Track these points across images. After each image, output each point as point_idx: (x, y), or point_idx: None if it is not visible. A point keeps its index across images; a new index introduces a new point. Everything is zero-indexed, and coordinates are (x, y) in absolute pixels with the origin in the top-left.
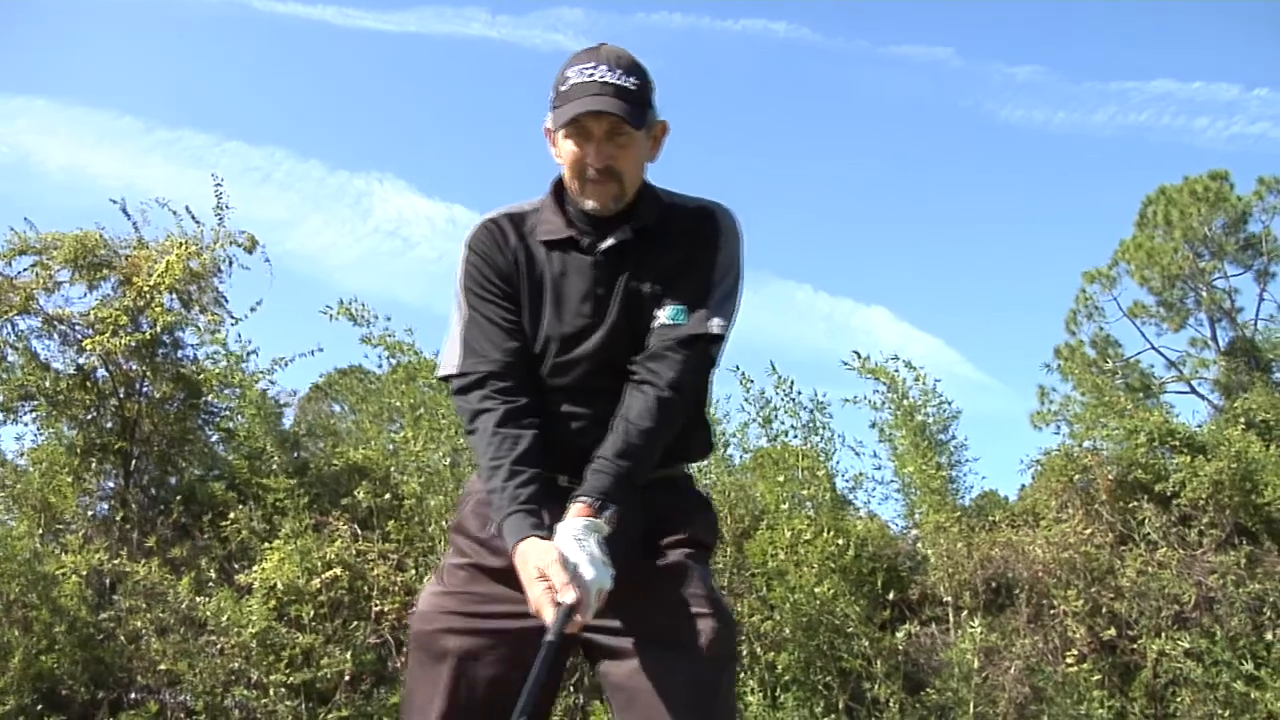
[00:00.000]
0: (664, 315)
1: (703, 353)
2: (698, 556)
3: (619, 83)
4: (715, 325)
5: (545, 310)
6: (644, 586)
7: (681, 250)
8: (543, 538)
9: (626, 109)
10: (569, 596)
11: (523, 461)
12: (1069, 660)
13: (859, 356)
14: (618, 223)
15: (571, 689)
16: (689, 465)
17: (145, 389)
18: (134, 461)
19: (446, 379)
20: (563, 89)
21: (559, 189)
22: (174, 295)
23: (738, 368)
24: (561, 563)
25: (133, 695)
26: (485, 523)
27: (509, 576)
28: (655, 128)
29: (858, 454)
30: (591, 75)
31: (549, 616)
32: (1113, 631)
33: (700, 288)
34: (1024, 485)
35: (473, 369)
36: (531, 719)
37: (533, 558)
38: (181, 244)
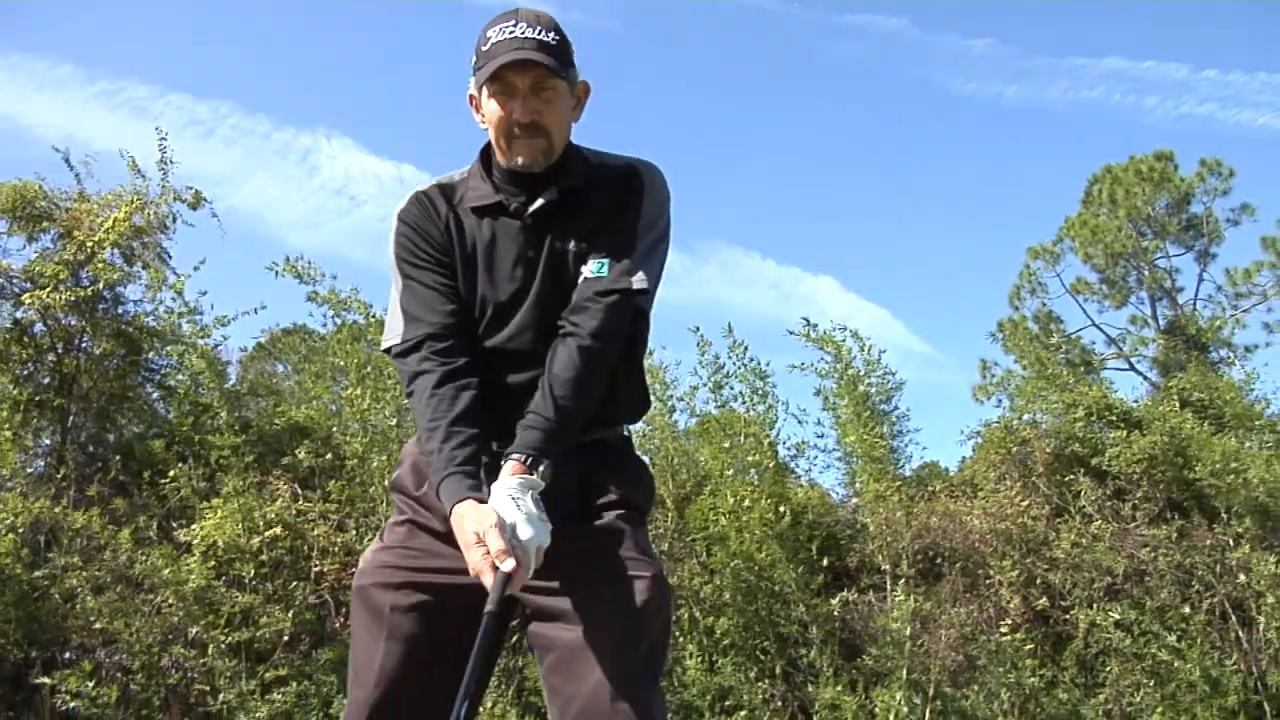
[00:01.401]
0: (588, 269)
1: (625, 304)
2: (631, 518)
3: (540, 38)
4: (638, 280)
5: (479, 277)
6: (577, 548)
7: (608, 208)
8: (479, 499)
9: (550, 60)
10: (508, 565)
11: (460, 422)
12: (1003, 629)
13: (808, 324)
14: (545, 184)
15: (509, 651)
16: (625, 427)
17: (84, 345)
18: (71, 418)
19: (389, 350)
20: (484, 49)
21: (486, 156)
22: (116, 251)
23: (698, 328)
24: (499, 526)
25: (67, 654)
26: (422, 481)
27: (448, 534)
28: (578, 88)
29: (801, 422)
30: (512, 32)
31: (489, 582)
32: (1045, 601)
33: (624, 242)
34: (965, 457)
35: (412, 334)
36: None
37: (469, 521)
38: (130, 200)
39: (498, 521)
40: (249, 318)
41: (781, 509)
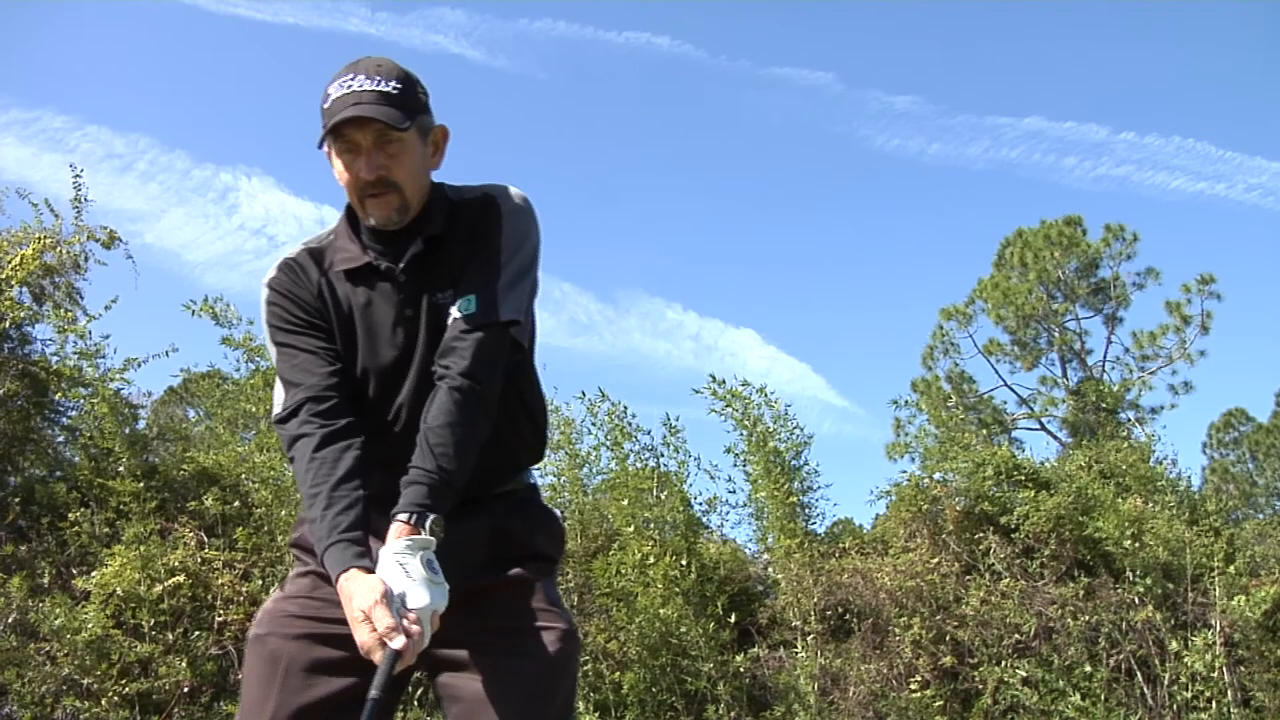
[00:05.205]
0: (456, 309)
1: (495, 338)
2: (541, 569)
3: (378, 89)
4: (505, 311)
5: (358, 343)
6: (485, 600)
7: (470, 243)
8: (365, 569)
9: (387, 112)
10: (397, 642)
11: (342, 485)
12: (912, 686)
13: (713, 380)
14: (410, 236)
15: (415, 704)
16: (530, 475)
17: None
18: None
19: (274, 420)
20: (325, 106)
21: (351, 213)
22: (25, 289)
23: (583, 394)
24: (385, 600)
25: None
26: None
27: None
28: (434, 133)
29: (713, 477)
30: (350, 86)
31: (378, 659)
32: (951, 659)
33: (487, 275)
34: (878, 514)
35: (292, 399)
36: None
37: (356, 597)
38: (39, 237)
39: (384, 593)
40: (161, 360)
41: (685, 563)
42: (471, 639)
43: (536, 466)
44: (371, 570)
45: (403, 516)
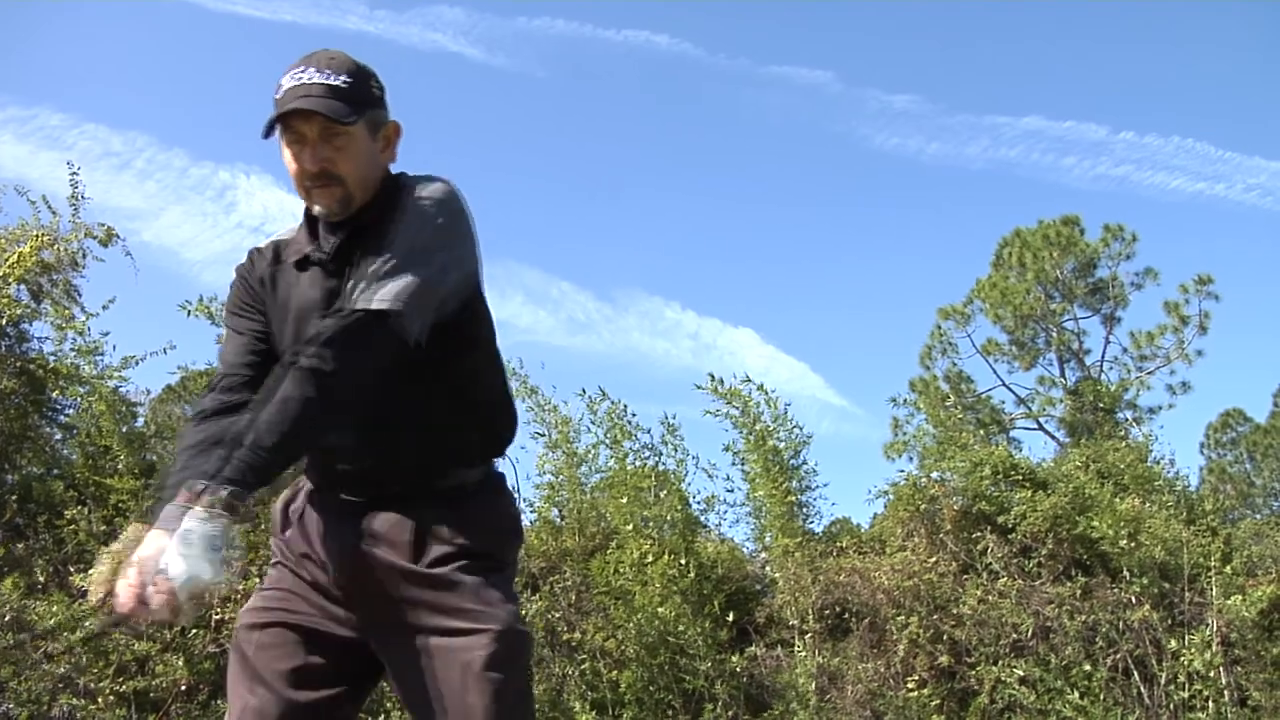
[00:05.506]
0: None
1: (358, 326)
2: (473, 568)
3: (328, 82)
4: (379, 300)
5: (287, 329)
6: (405, 599)
7: (381, 231)
8: (160, 528)
9: (332, 106)
10: (120, 601)
11: (200, 450)
12: (910, 685)
13: (713, 379)
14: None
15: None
16: (484, 469)
17: None
18: None
19: None
20: (276, 97)
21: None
22: (23, 286)
23: (584, 390)
24: (141, 558)
25: None
26: (288, 524)
27: (311, 569)
28: (386, 128)
29: (711, 476)
30: (300, 78)
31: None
32: (948, 659)
33: (376, 260)
34: (876, 513)
35: (215, 377)
36: None
37: (132, 550)
38: (36, 234)
39: (138, 554)
40: (159, 357)
41: (683, 561)
42: (394, 638)
43: (500, 459)
44: (150, 530)
45: (187, 484)
